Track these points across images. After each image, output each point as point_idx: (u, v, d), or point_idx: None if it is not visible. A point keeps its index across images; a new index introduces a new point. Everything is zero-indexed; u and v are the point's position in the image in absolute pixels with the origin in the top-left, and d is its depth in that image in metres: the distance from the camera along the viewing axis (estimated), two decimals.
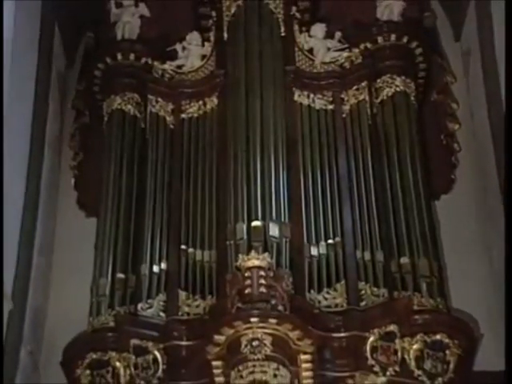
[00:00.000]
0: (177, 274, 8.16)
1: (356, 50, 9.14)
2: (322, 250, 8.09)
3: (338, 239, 8.15)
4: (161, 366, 7.76)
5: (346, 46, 9.25)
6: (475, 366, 7.79)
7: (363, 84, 8.99)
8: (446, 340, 7.56)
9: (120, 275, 8.13)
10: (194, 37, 9.54)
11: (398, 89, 8.85)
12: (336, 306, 7.90)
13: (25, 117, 8.50)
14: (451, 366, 7.52)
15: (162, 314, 8.03)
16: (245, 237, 7.95)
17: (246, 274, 7.42)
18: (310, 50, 9.32)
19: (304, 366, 7.31)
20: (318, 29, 9.40)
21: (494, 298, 8.30)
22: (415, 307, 7.64)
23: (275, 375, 7.20)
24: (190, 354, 7.77)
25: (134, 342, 7.80)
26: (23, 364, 7.91)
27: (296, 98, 9.02)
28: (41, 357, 8.45)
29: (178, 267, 8.19)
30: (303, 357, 7.30)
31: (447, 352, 7.54)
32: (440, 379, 7.51)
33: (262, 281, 7.38)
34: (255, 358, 7.21)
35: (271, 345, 7.24)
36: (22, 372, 7.84)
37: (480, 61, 8.92)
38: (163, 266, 8.22)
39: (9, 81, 7.62)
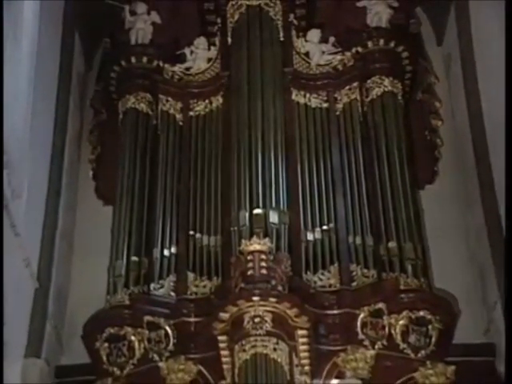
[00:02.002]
0: (185, 257, 8.24)
1: (348, 54, 9.17)
2: (318, 235, 8.16)
3: (331, 225, 8.21)
4: (171, 340, 7.86)
5: (339, 49, 9.29)
6: (454, 339, 7.86)
7: (355, 84, 9.03)
8: (429, 316, 7.66)
9: (134, 258, 8.21)
10: (200, 41, 9.58)
11: (386, 89, 8.91)
12: (330, 286, 7.97)
13: (48, 114, 8.53)
14: (433, 339, 7.64)
15: (172, 293, 8.10)
16: (247, 223, 8.02)
17: (249, 258, 7.49)
18: (307, 54, 9.35)
19: (301, 340, 7.38)
20: (314, 34, 9.44)
21: (471, 277, 8.39)
22: (401, 287, 7.72)
23: (275, 349, 7.23)
24: (197, 329, 7.86)
25: (147, 318, 7.90)
26: (48, 337, 7.94)
27: (293, 97, 9.06)
28: (64, 331, 8.52)
29: (186, 251, 8.26)
30: (300, 332, 7.37)
31: (430, 327, 7.65)
32: (423, 351, 7.63)
33: (263, 263, 7.45)
34: (257, 333, 7.26)
35: (271, 321, 7.29)
36: (47, 344, 7.89)
37: (460, 63, 8.97)
38: (173, 250, 8.29)
39: (33, 81, 7.61)
